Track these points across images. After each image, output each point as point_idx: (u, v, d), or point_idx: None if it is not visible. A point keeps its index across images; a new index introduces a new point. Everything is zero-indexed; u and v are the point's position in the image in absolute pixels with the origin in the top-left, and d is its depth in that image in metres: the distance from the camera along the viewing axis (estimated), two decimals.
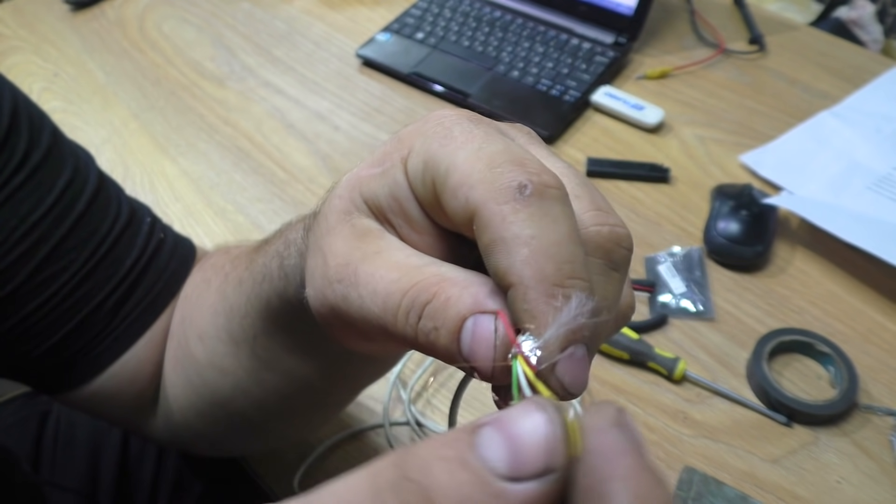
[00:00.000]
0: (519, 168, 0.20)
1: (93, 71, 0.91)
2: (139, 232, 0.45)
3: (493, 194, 0.20)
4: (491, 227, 0.20)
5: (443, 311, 0.21)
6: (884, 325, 0.64)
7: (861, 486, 0.54)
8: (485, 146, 0.21)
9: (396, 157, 0.24)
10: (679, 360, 0.59)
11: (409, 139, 0.24)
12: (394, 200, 0.24)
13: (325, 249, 0.24)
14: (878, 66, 0.88)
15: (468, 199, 0.21)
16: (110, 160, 0.81)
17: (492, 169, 0.21)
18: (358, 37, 0.95)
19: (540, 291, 0.19)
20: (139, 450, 0.63)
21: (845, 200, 0.72)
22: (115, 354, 0.44)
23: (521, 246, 0.19)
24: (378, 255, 0.23)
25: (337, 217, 0.25)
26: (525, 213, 0.20)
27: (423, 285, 0.21)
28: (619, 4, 0.89)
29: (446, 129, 0.23)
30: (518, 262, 0.19)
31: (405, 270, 0.22)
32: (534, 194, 0.20)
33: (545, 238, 0.20)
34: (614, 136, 0.82)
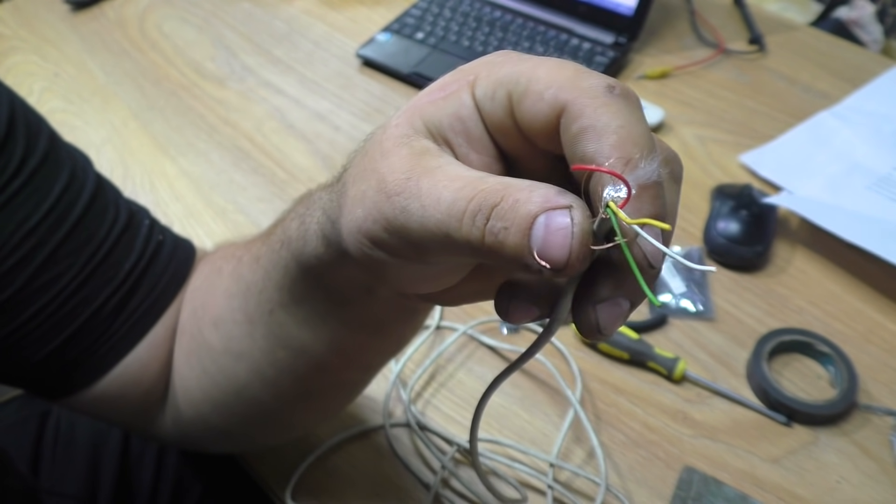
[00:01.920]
0: (603, 77, 0.23)
1: (93, 71, 0.92)
2: (138, 234, 0.45)
3: (583, 91, 0.22)
4: (583, 117, 0.22)
5: (512, 211, 0.21)
6: (884, 325, 0.64)
7: (861, 485, 0.54)
8: (562, 63, 0.23)
9: (463, 82, 0.25)
10: (679, 360, 0.59)
11: (474, 69, 0.25)
12: (457, 120, 0.24)
13: (380, 169, 0.24)
14: (878, 67, 0.88)
15: (557, 98, 0.22)
16: (110, 160, 0.81)
17: (577, 74, 0.23)
18: (358, 37, 0.95)
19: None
20: (139, 450, 0.63)
21: (845, 200, 0.72)
22: (117, 357, 0.44)
23: (611, 133, 0.21)
24: (440, 169, 0.23)
25: (394, 141, 0.25)
26: (615, 106, 0.22)
27: (490, 190, 0.22)
28: (618, 4, 0.89)
29: (515, 56, 0.24)
30: (607, 147, 0.21)
31: (469, 181, 0.23)
32: (621, 94, 0.22)
33: (632, 128, 0.22)
34: None
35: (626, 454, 0.56)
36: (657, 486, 0.54)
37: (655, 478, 0.54)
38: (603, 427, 0.57)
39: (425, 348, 0.63)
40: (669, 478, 0.54)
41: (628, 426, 0.58)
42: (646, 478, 0.55)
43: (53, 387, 0.44)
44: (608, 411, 0.58)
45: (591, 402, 0.59)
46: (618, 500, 0.53)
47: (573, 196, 0.22)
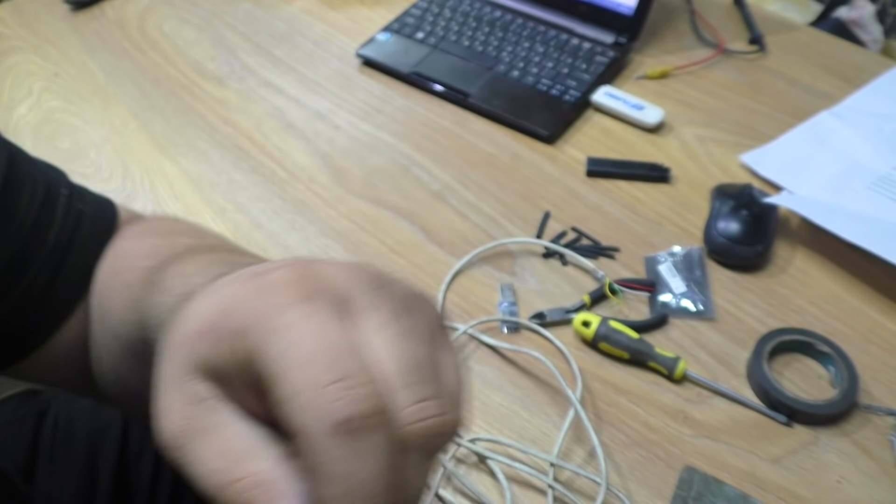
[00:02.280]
0: (344, 391, 0.21)
1: (93, 71, 0.91)
2: (56, 207, 0.45)
3: (314, 426, 0.21)
4: (311, 456, 0.21)
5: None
6: (884, 325, 0.64)
7: (861, 485, 0.54)
8: (313, 357, 0.22)
9: (227, 329, 0.24)
10: (679, 360, 0.59)
11: (241, 310, 0.24)
12: (227, 373, 0.24)
13: (163, 401, 0.25)
14: (878, 67, 0.88)
15: (292, 420, 0.22)
16: (110, 160, 0.81)
17: (318, 393, 0.21)
18: (358, 36, 0.95)
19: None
20: (138, 449, 0.62)
21: (845, 200, 0.72)
22: (55, 326, 0.44)
23: (336, 482, 0.21)
24: (207, 435, 0.24)
25: (173, 373, 0.25)
26: (340, 452, 0.21)
27: (240, 487, 0.23)
28: (619, 4, 0.89)
29: (279, 311, 0.23)
30: (331, 497, 0.21)
31: (228, 462, 0.23)
32: (351, 432, 0.21)
33: (358, 477, 0.21)
34: (614, 136, 0.82)
35: (626, 454, 0.56)
36: (658, 485, 0.54)
37: (656, 477, 0.54)
38: (603, 427, 0.57)
39: None
40: (670, 477, 0.54)
41: (629, 426, 0.57)
42: (646, 477, 0.54)
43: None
44: (609, 411, 0.58)
45: (592, 402, 0.59)
46: (618, 500, 0.53)
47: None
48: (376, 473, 0.21)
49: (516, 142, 0.81)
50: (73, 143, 0.83)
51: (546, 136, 0.80)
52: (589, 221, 0.73)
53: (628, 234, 0.71)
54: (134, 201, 0.76)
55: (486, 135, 0.82)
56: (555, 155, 0.80)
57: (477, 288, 0.67)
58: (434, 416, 0.23)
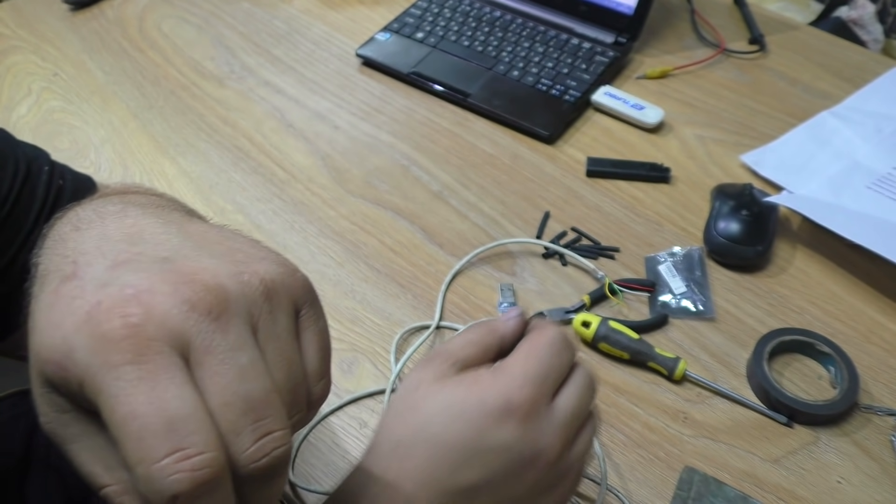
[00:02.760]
0: (176, 464, 0.23)
1: (92, 70, 0.91)
2: (38, 183, 0.46)
3: (152, 498, 0.23)
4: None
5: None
6: (884, 325, 0.63)
7: (861, 486, 0.54)
8: (146, 427, 0.23)
9: (72, 374, 0.24)
10: (679, 360, 0.59)
11: (81, 363, 0.24)
12: (79, 403, 0.25)
13: (35, 393, 0.26)
14: (879, 66, 0.88)
15: (137, 486, 0.23)
16: (109, 160, 0.80)
17: (149, 468, 0.22)
18: (358, 36, 0.95)
19: None
20: None
21: (846, 200, 0.72)
22: None
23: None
24: (77, 441, 0.25)
25: (37, 379, 0.26)
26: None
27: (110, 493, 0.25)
28: (619, 4, 0.89)
29: (113, 373, 0.23)
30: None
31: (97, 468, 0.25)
32: (191, 500, 0.22)
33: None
34: (614, 136, 0.82)
35: (626, 454, 0.56)
36: (657, 486, 0.54)
37: (656, 478, 0.54)
38: (604, 427, 0.57)
39: (425, 348, 0.62)
40: (670, 478, 0.54)
41: (629, 426, 0.57)
42: (646, 478, 0.54)
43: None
44: (609, 411, 0.58)
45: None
46: (618, 500, 0.53)
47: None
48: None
49: (516, 142, 0.81)
50: (72, 142, 0.83)
51: (546, 136, 0.80)
52: (589, 221, 0.73)
53: (628, 234, 0.71)
54: None
55: (486, 135, 0.82)
56: (555, 155, 0.80)
57: (477, 288, 0.67)
58: (273, 450, 0.25)
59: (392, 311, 0.65)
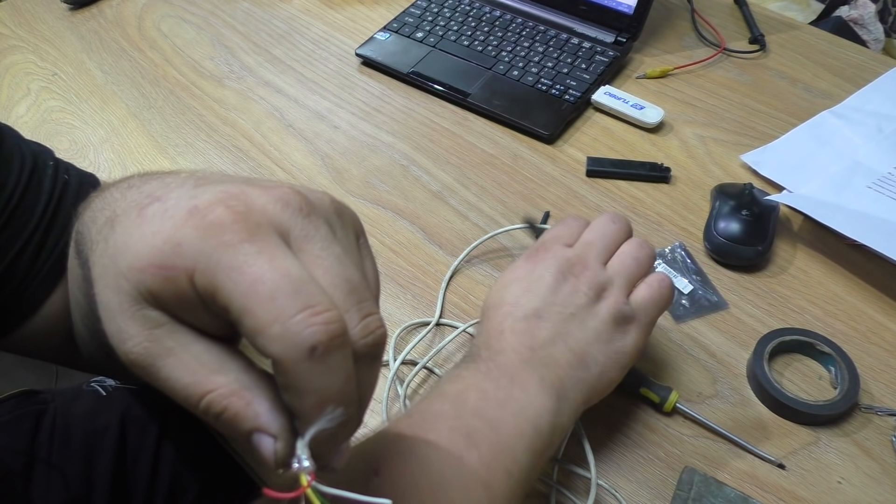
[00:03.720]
0: (311, 319, 0.24)
1: (91, 70, 0.91)
2: (44, 177, 0.46)
3: (289, 353, 0.24)
4: (286, 378, 0.24)
5: (232, 424, 0.25)
6: (885, 326, 0.63)
7: (862, 486, 0.54)
8: (276, 289, 0.24)
9: (181, 269, 0.25)
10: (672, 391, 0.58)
11: (191, 251, 0.25)
12: (182, 306, 0.26)
13: (120, 326, 0.26)
14: (880, 66, 0.88)
15: (266, 349, 0.24)
16: (108, 160, 0.80)
17: (285, 324, 0.24)
18: (357, 36, 0.95)
19: (319, 422, 0.25)
20: (136, 448, 0.62)
21: (846, 199, 0.71)
22: (43, 296, 0.45)
23: (310, 395, 0.24)
24: (172, 354, 0.26)
25: (127, 300, 0.26)
26: (315, 371, 0.24)
27: (215, 397, 0.25)
28: (619, 3, 0.89)
29: (231, 251, 0.24)
30: (307, 407, 0.25)
31: (197, 375, 0.26)
32: (323, 353, 0.24)
33: (328, 389, 0.24)
34: (614, 136, 0.81)
35: (626, 454, 0.56)
36: (657, 486, 0.54)
37: (656, 478, 0.54)
38: (604, 427, 0.57)
39: (423, 346, 0.62)
40: (670, 478, 0.54)
41: (629, 426, 0.57)
42: (646, 478, 0.54)
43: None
44: (609, 411, 0.58)
45: None
46: (618, 500, 0.53)
47: (282, 422, 0.25)
48: (343, 383, 0.25)
49: (516, 142, 0.81)
50: (71, 142, 0.82)
51: (546, 135, 0.80)
52: None
53: None
54: None
55: (486, 135, 0.82)
56: (555, 155, 0.79)
57: (477, 288, 0.67)
58: (377, 329, 0.27)
59: (392, 310, 0.65)
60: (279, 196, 0.27)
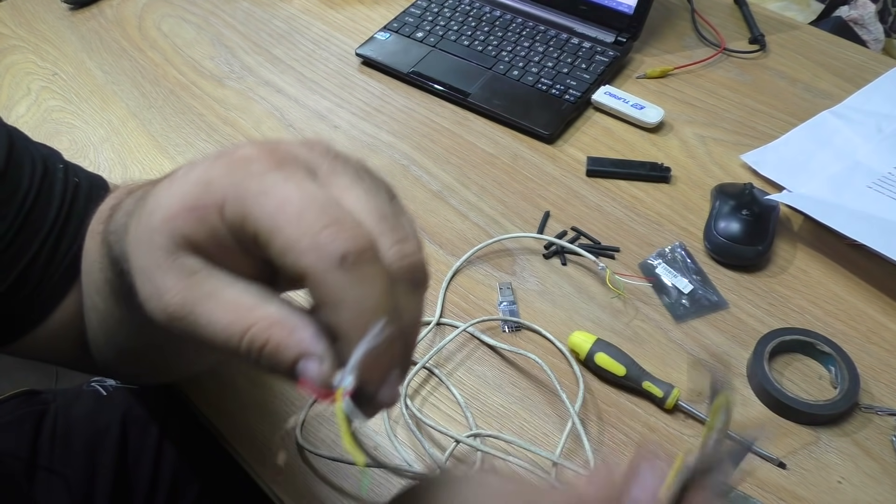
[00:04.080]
0: (339, 232, 0.24)
1: (91, 70, 0.91)
2: (55, 180, 0.46)
3: (320, 264, 0.24)
4: (320, 291, 0.24)
5: (276, 355, 0.25)
6: (885, 325, 0.63)
7: (862, 486, 0.54)
8: (303, 207, 0.24)
9: (211, 205, 0.25)
10: (673, 388, 0.58)
11: (220, 186, 0.25)
12: (215, 242, 0.26)
13: (157, 283, 0.26)
14: (879, 66, 0.88)
15: (297, 264, 0.24)
16: (109, 159, 0.80)
17: (315, 237, 0.24)
18: (357, 36, 0.95)
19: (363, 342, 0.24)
20: (137, 448, 0.62)
21: (846, 199, 0.71)
22: (55, 302, 0.45)
23: (346, 309, 0.24)
24: (211, 297, 0.26)
25: (162, 254, 0.26)
26: (347, 280, 0.24)
27: (257, 330, 0.25)
28: (619, 3, 0.89)
29: (258, 179, 0.25)
30: (343, 322, 0.24)
31: (238, 313, 0.25)
32: (354, 263, 0.24)
33: (364, 301, 0.24)
34: (615, 136, 0.82)
35: (627, 454, 0.56)
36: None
37: None
38: (604, 427, 0.57)
39: (425, 345, 0.62)
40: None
41: (629, 426, 0.57)
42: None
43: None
44: (609, 411, 0.58)
45: (593, 402, 0.59)
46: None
47: (325, 345, 0.25)
48: (379, 295, 0.24)
49: (516, 142, 0.81)
50: (71, 142, 0.82)
51: (546, 135, 0.80)
52: (589, 221, 0.72)
53: (628, 234, 0.71)
54: None
55: (486, 135, 0.82)
56: (555, 155, 0.79)
57: (477, 288, 0.67)
58: (413, 254, 0.26)
59: None
60: (306, 141, 0.28)
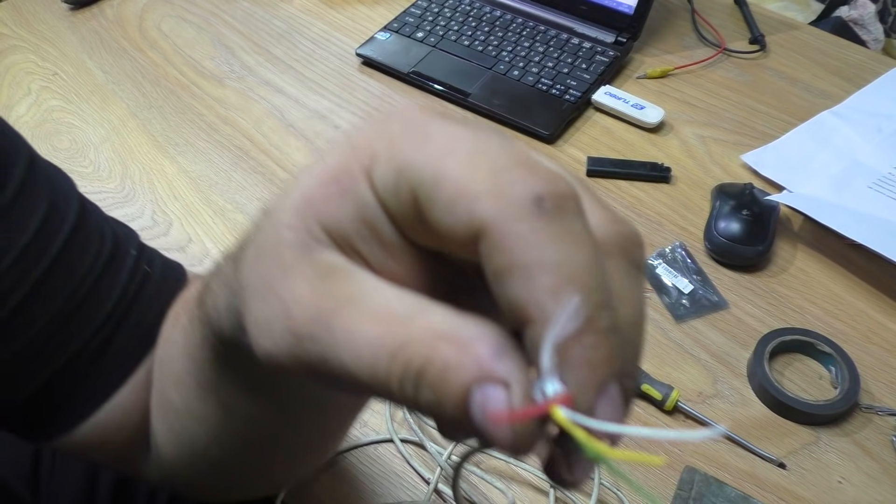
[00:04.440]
0: (531, 174, 0.17)
1: (91, 70, 0.91)
2: (122, 267, 0.41)
3: (504, 209, 0.17)
4: (506, 250, 0.17)
5: (442, 383, 0.17)
6: (885, 325, 0.63)
7: (862, 486, 0.54)
8: (480, 147, 0.18)
9: (356, 169, 0.19)
10: (673, 390, 0.58)
11: (368, 145, 0.20)
12: (362, 224, 0.20)
13: (283, 295, 0.20)
14: (879, 66, 0.88)
15: (471, 215, 0.17)
16: (109, 159, 0.80)
17: (497, 175, 0.17)
18: (357, 36, 0.95)
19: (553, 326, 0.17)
20: None
21: (846, 199, 0.72)
22: (99, 402, 0.41)
23: (545, 273, 0.17)
24: (353, 304, 0.19)
25: (293, 253, 0.20)
26: (546, 232, 0.17)
27: (414, 347, 0.18)
28: (619, 3, 0.89)
29: (419, 128, 0.19)
30: (541, 293, 0.17)
31: (388, 324, 0.18)
32: (554, 209, 0.17)
33: (571, 263, 0.17)
34: (615, 136, 0.82)
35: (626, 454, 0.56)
36: (658, 486, 0.54)
37: (656, 477, 0.54)
38: None
39: None
40: (670, 478, 0.54)
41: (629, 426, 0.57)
42: (646, 478, 0.54)
43: (33, 430, 0.42)
44: None
45: None
46: (618, 500, 0.53)
47: (511, 360, 0.17)
48: (589, 260, 0.17)
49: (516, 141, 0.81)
50: (71, 142, 0.82)
51: (546, 135, 0.80)
52: None
53: None
54: (133, 200, 0.76)
55: None
56: (555, 155, 0.80)
57: None
58: (627, 223, 0.20)
59: None
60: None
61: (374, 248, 0.20)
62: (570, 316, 0.16)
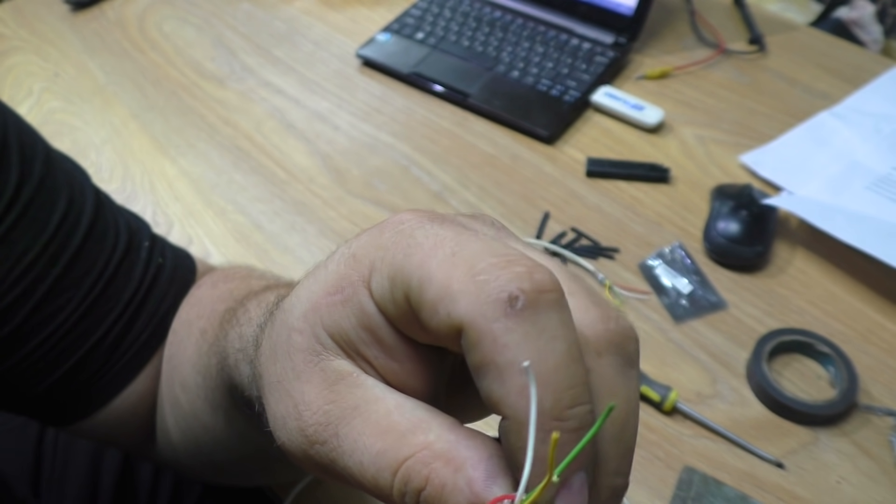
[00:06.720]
0: (506, 271, 0.18)
1: (93, 71, 0.92)
2: (137, 259, 0.43)
3: (479, 308, 0.18)
4: (480, 349, 0.18)
5: (440, 502, 0.19)
6: (883, 325, 0.64)
7: (861, 486, 0.54)
8: (459, 248, 0.19)
9: (356, 279, 0.21)
10: (671, 390, 0.58)
11: (366, 255, 0.21)
12: (364, 330, 0.21)
13: (295, 397, 0.22)
14: (878, 67, 0.88)
15: (451, 315, 0.18)
16: (110, 160, 0.81)
17: (474, 277, 0.18)
18: (358, 37, 0.95)
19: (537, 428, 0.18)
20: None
21: (845, 200, 0.72)
22: (118, 388, 0.43)
23: (516, 374, 0.17)
24: (358, 413, 0.20)
25: (303, 358, 0.22)
26: (519, 331, 0.18)
27: (414, 465, 0.19)
28: (619, 4, 0.89)
29: (407, 236, 0.20)
30: (513, 394, 0.18)
31: (391, 439, 0.20)
32: (527, 306, 0.18)
33: (542, 363, 0.18)
34: (614, 137, 0.82)
35: None
36: (657, 486, 0.54)
37: (655, 478, 0.54)
38: None
39: None
40: (669, 478, 0.54)
41: None
42: (646, 478, 0.54)
43: (53, 417, 0.43)
44: None
45: None
46: None
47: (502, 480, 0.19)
48: (560, 358, 0.18)
49: (516, 142, 0.81)
50: (72, 143, 0.83)
51: (546, 136, 0.80)
52: (589, 222, 0.73)
53: (628, 235, 0.71)
54: (134, 202, 0.76)
55: (486, 135, 0.82)
56: (554, 155, 0.80)
57: None
58: (619, 318, 0.20)
59: None
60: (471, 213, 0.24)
61: (376, 352, 0.21)
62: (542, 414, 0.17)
